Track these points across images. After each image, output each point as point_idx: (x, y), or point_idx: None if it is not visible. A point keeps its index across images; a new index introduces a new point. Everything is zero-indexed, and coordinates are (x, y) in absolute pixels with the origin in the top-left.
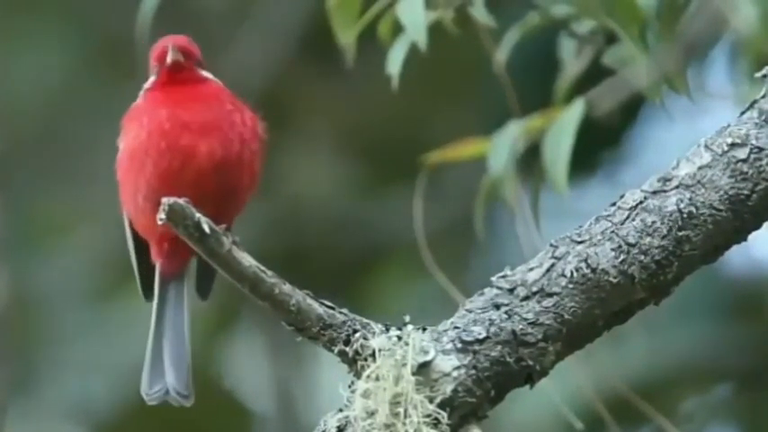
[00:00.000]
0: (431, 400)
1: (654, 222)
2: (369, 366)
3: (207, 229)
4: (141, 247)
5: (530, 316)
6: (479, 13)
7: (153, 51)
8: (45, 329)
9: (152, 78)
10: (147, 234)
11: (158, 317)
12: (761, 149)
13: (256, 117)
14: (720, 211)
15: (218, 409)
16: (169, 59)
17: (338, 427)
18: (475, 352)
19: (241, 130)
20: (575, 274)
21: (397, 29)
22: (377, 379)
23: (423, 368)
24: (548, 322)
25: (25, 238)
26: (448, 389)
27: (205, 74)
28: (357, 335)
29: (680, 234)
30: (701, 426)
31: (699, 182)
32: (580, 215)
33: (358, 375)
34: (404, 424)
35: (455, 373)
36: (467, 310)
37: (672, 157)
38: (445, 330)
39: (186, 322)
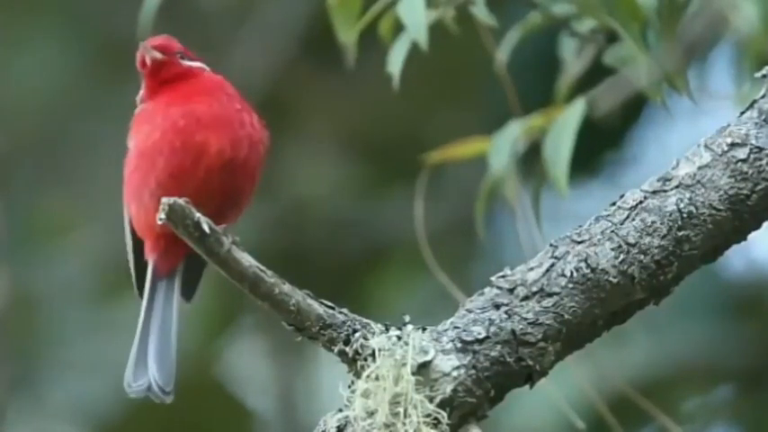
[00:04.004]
0: (431, 400)
1: (654, 222)
2: (368, 366)
3: (207, 229)
4: (139, 245)
5: (530, 316)
6: (480, 12)
7: (137, 63)
8: (45, 329)
9: (142, 89)
10: (146, 232)
11: (147, 313)
12: (761, 149)
13: (263, 123)
14: (720, 211)
15: (219, 409)
16: (147, 60)
17: (338, 426)
18: (475, 352)
19: (250, 131)
20: (574, 274)
21: (398, 28)
22: (377, 379)
23: (422, 368)
24: (548, 322)
25: (25, 239)
26: (448, 389)
27: (195, 64)
28: (357, 335)
29: (680, 234)
30: (702, 426)
31: (699, 182)
32: (581, 218)
33: (358, 375)
34: (404, 424)
35: (455, 373)
36: (467, 310)
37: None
38: (445, 330)
39: (175, 321)
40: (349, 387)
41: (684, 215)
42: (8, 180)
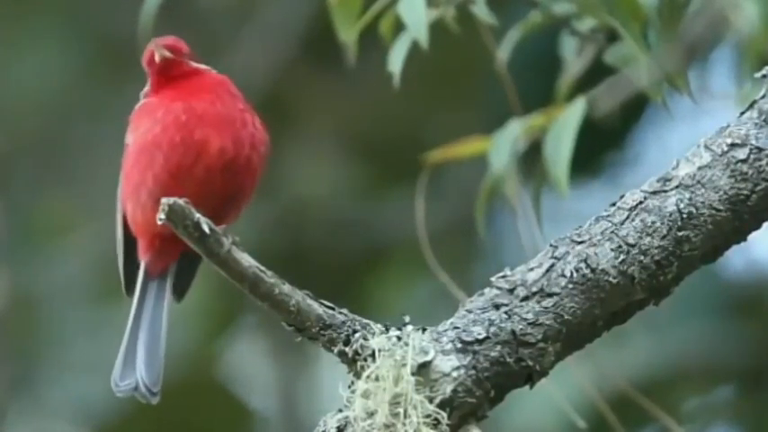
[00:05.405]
0: (430, 401)
1: (654, 222)
2: (368, 367)
3: (206, 230)
4: (130, 243)
5: (529, 316)
6: (481, 11)
7: (143, 59)
8: (45, 329)
9: (147, 85)
10: (141, 231)
11: (137, 313)
12: (761, 149)
13: (264, 125)
14: (720, 211)
15: (220, 409)
16: (157, 58)
17: (338, 427)
18: (475, 352)
19: (252, 131)
20: (574, 275)
21: (399, 28)
22: (376, 379)
23: (422, 368)
24: (547, 322)
25: (26, 239)
26: (448, 389)
27: (200, 66)
28: (357, 335)
29: (680, 234)
30: (702, 426)
31: (698, 182)
32: (582, 218)
33: (358, 375)
34: (403, 424)
35: (455, 374)
36: (466, 311)
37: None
38: (445, 330)
39: (164, 321)
40: (349, 387)
41: (684, 215)
42: (8, 180)
